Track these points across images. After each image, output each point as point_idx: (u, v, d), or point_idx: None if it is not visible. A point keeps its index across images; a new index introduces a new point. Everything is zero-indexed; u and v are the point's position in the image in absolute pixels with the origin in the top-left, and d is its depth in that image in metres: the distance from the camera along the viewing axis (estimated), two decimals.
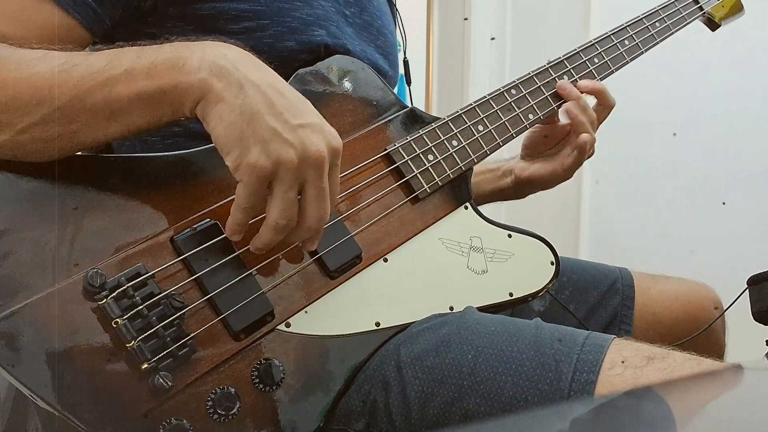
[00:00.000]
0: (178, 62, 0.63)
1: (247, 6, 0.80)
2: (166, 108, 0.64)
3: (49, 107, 0.63)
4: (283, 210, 0.64)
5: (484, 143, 0.90)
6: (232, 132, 0.62)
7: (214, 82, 0.62)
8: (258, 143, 0.62)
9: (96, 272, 0.61)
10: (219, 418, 0.63)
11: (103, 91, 0.63)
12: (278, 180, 0.63)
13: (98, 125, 0.64)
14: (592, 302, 1.06)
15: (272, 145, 0.62)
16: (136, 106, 0.64)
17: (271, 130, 0.62)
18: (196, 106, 0.64)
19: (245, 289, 0.68)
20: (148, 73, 0.63)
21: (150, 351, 0.61)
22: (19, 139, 0.63)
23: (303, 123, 0.64)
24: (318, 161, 0.64)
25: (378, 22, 0.97)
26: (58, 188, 0.65)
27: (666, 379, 0.63)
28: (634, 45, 1.07)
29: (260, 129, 0.62)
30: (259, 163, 0.62)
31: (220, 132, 0.63)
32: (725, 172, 1.97)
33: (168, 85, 0.63)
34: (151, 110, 0.64)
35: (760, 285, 0.88)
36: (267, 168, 0.62)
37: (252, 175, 0.62)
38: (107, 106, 0.63)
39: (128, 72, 0.63)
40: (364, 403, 0.72)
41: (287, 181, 0.63)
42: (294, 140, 0.63)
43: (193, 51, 0.64)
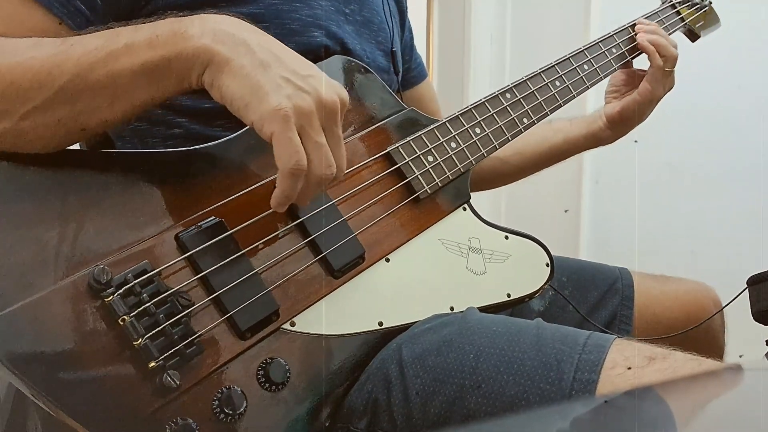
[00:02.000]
0: (179, 31, 0.63)
1: (246, 9, 0.79)
2: (171, 79, 0.64)
3: (50, 89, 0.62)
4: (321, 156, 0.64)
5: (482, 145, 0.91)
6: (246, 85, 0.62)
7: (218, 47, 0.62)
8: (274, 90, 0.62)
9: (102, 269, 0.61)
10: (225, 418, 0.63)
11: (105, 66, 0.62)
12: (305, 126, 0.63)
13: (102, 103, 0.63)
14: (592, 302, 1.06)
15: (289, 89, 0.62)
16: (139, 79, 0.63)
17: (283, 77, 0.63)
18: (203, 74, 0.63)
19: (251, 288, 0.68)
20: (149, 44, 0.63)
21: (157, 349, 0.61)
22: (21, 126, 0.62)
23: (311, 74, 0.65)
24: (333, 107, 0.64)
25: (378, 18, 0.97)
26: (62, 184, 0.64)
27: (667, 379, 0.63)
28: (621, 53, 1.12)
29: (274, 77, 0.62)
30: (282, 105, 0.61)
31: (235, 89, 0.62)
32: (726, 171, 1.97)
33: (171, 53, 0.62)
34: (155, 82, 0.64)
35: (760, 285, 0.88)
36: (289, 110, 0.61)
37: (278, 119, 0.61)
38: (110, 81, 0.62)
39: (129, 45, 0.63)
40: (366, 402, 0.72)
41: (313, 125, 0.63)
42: (308, 88, 0.63)
43: (192, 21, 0.64)
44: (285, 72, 0.63)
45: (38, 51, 0.63)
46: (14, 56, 0.63)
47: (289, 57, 0.65)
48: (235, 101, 0.62)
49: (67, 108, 0.63)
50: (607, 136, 1.16)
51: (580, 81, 1.05)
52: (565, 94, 1.02)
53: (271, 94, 0.61)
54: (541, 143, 1.18)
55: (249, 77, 0.62)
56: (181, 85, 0.64)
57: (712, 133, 1.98)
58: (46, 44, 0.64)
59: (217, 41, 0.62)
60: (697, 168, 2.00)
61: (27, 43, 0.65)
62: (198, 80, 0.64)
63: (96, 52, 0.62)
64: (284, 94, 0.62)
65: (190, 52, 0.62)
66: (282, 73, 0.63)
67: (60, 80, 0.62)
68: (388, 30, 1.00)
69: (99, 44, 0.63)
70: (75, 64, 0.62)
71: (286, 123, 0.61)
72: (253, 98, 0.62)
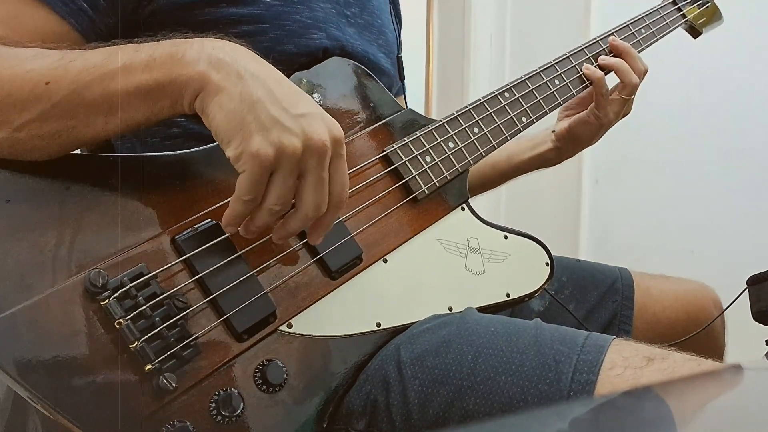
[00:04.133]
0: (176, 55, 0.63)
1: (247, 10, 0.79)
2: (165, 102, 0.64)
3: (47, 103, 0.62)
4: (280, 196, 0.63)
5: (480, 145, 0.91)
6: (233, 120, 0.61)
7: (212, 74, 0.62)
8: (260, 131, 0.61)
9: (98, 272, 0.61)
10: (223, 420, 0.63)
11: (101, 85, 0.62)
12: (280, 168, 0.62)
13: (96, 120, 0.64)
14: (591, 302, 1.06)
15: (274, 133, 0.61)
16: (134, 100, 0.63)
17: (272, 118, 0.62)
18: (194, 100, 0.63)
19: (248, 290, 0.68)
20: (146, 66, 0.63)
21: (154, 352, 0.61)
22: (17, 137, 0.63)
23: (304, 112, 0.64)
24: (321, 149, 0.63)
25: (378, 21, 0.97)
26: (59, 188, 0.64)
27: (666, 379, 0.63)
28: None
29: (262, 116, 0.61)
30: (261, 151, 0.60)
31: (220, 121, 0.62)
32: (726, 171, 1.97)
33: (166, 78, 0.62)
34: (149, 104, 0.64)
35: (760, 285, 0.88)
36: (270, 156, 0.61)
37: (255, 163, 0.61)
38: (105, 100, 0.63)
39: (126, 66, 0.63)
40: (364, 403, 0.72)
41: (288, 169, 0.62)
42: (296, 128, 0.62)
43: (191, 44, 0.64)
44: (276, 110, 0.62)
45: (38, 63, 0.63)
46: (14, 67, 0.63)
47: (283, 91, 0.64)
48: (219, 134, 0.62)
49: (62, 122, 0.63)
50: (553, 156, 1.12)
51: (580, 79, 1.04)
52: (565, 92, 1.02)
53: (254, 135, 0.61)
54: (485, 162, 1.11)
55: (236, 113, 0.61)
56: (174, 107, 0.64)
57: (712, 133, 1.98)
58: (46, 57, 0.64)
59: (211, 69, 0.62)
60: (697, 168, 2.00)
61: (27, 54, 0.65)
62: (190, 106, 0.64)
63: (94, 70, 0.63)
64: (268, 138, 0.61)
65: (184, 78, 0.62)
66: (272, 111, 0.62)
67: (57, 95, 0.62)
68: (390, 35, 1.00)
69: (97, 62, 0.63)
70: (72, 80, 0.62)
71: (260, 168, 0.61)
72: (237, 136, 0.61)
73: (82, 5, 0.72)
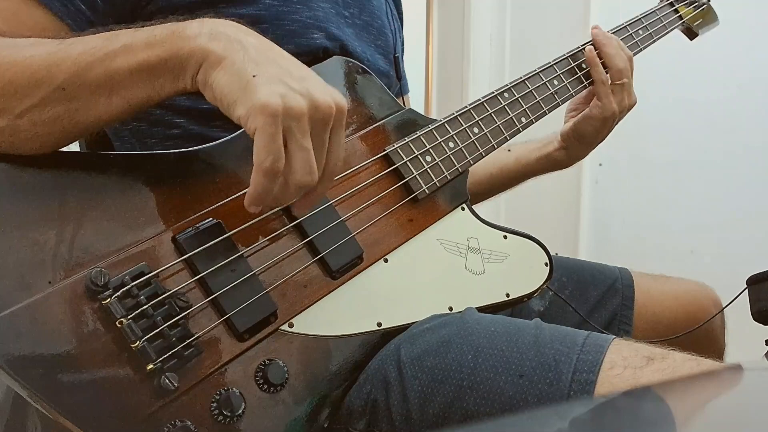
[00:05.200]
0: (176, 31, 0.63)
1: (246, 11, 0.79)
2: (167, 78, 0.63)
3: (48, 87, 0.62)
4: (305, 160, 0.61)
5: (480, 145, 0.91)
6: (238, 79, 0.60)
7: (213, 45, 0.62)
8: (265, 84, 0.60)
9: (99, 271, 0.61)
10: (224, 420, 0.63)
11: (102, 65, 0.62)
12: (291, 131, 0.60)
13: (99, 101, 0.63)
14: (591, 302, 1.06)
15: (281, 88, 0.60)
16: (136, 77, 0.63)
17: (276, 76, 0.61)
18: (197, 73, 0.63)
19: (249, 290, 0.68)
20: (147, 44, 0.63)
21: (155, 351, 0.61)
22: (18, 124, 0.62)
23: (308, 76, 0.63)
24: (326, 112, 0.62)
25: (378, 22, 0.97)
26: (60, 186, 0.64)
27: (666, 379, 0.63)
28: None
29: (266, 73, 0.60)
30: (270, 101, 0.58)
31: (224, 84, 0.60)
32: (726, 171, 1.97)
33: (168, 52, 0.62)
34: (151, 82, 0.63)
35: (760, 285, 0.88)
36: (278, 107, 0.58)
37: (265, 115, 0.58)
38: (108, 80, 0.63)
39: (127, 45, 0.63)
40: (365, 403, 0.72)
41: (301, 129, 0.60)
42: (301, 89, 0.61)
43: (190, 22, 0.64)
44: (279, 72, 0.61)
45: (37, 49, 0.63)
46: (13, 54, 0.63)
47: (285, 59, 0.64)
48: (225, 97, 0.61)
49: (63, 106, 0.63)
50: (562, 158, 1.11)
51: (578, 80, 1.04)
52: (564, 92, 1.02)
53: (261, 89, 0.59)
54: (493, 164, 1.14)
55: (240, 72, 0.60)
56: (176, 85, 0.64)
57: (712, 133, 1.98)
58: (45, 43, 0.64)
59: (212, 39, 0.62)
60: (697, 168, 2.00)
61: (26, 42, 0.65)
62: (193, 81, 0.63)
63: (94, 51, 0.63)
64: (276, 91, 0.59)
65: (186, 51, 0.62)
66: (276, 72, 0.61)
67: (58, 79, 0.62)
68: (390, 35, 1.00)
69: (98, 44, 0.63)
70: (73, 63, 0.62)
71: (271, 119, 0.59)
72: (243, 93, 0.60)
73: (80, 6, 0.72)
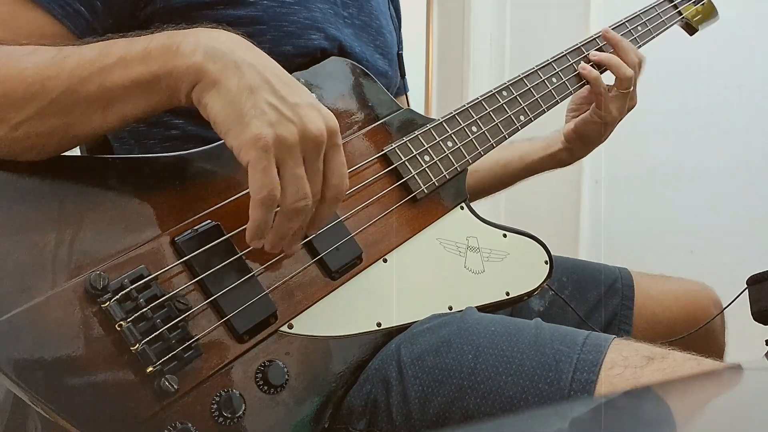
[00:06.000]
0: (171, 47, 0.63)
1: (244, 12, 0.79)
2: (162, 94, 0.63)
3: (43, 101, 0.62)
4: (298, 187, 0.62)
5: (478, 144, 0.91)
6: (231, 110, 0.61)
7: (209, 65, 0.61)
8: (258, 117, 0.60)
9: (99, 274, 0.61)
10: (224, 421, 0.63)
11: (97, 80, 0.62)
12: (283, 159, 0.61)
13: (93, 115, 0.63)
14: (591, 302, 1.06)
15: (273, 118, 0.61)
16: (131, 93, 0.63)
17: (269, 105, 0.61)
18: (191, 91, 0.63)
19: (248, 291, 0.68)
20: (142, 59, 0.62)
21: (155, 354, 0.61)
22: (14, 135, 0.63)
23: (300, 102, 0.63)
24: (318, 139, 0.63)
25: (376, 22, 0.97)
26: (58, 190, 0.64)
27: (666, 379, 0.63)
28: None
29: (259, 104, 0.61)
30: (262, 134, 0.60)
31: (218, 111, 0.61)
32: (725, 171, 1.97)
33: (163, 70, 0.62)
34: (146, 97, 0.63)
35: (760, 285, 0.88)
36: (269, 139, 0.60)
37: (256, 148, 0.60)
38: (102, 95, 0.62)
39: (122, 59, 0.62)
40: (365, 403, 0.72)
41: (293, 157, 0.62)
42: (293, 117, 0.62)
43: (186, 35, 0.64)
44: (272, 98, 0.62)
45: (33, 61, 0.63)
46: (8, 65, 0.63)
47: (279, 81, 0.64)
48: (218, 124, 0.62)
49: (59, 119, 0.63)
50: (565, 157, 1.13)
51: (577, 77, 1.04)
52: (562, 90, 1.02)
53: (252, 121, 0.60)
54: (497, 161, 1.15)
55: (233, 102, 0.61)
56: (171, 100, 0.64)
57: (712, 133, 1.98)
58: (40, 54, 0.64)
59: (207, 60, 0.62)
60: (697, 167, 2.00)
61: (22, 52, 0.65)
62: (187, 97, 0.63)
63: (89, 66, 0.62)
64: (267, 122, 0.60)
65: (180, 70, 0.62)
66: (269, 99, 0.61)
67: (53, 92, 0.62)
68: (389, 35, 1.00)
69: (93, 57, 0.63)
70: (68, 77, 0.62)
71: (263, 152, 0.60)
72: (235, 124, 0.61)
73: (79, 8, 0.71)
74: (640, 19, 1.15)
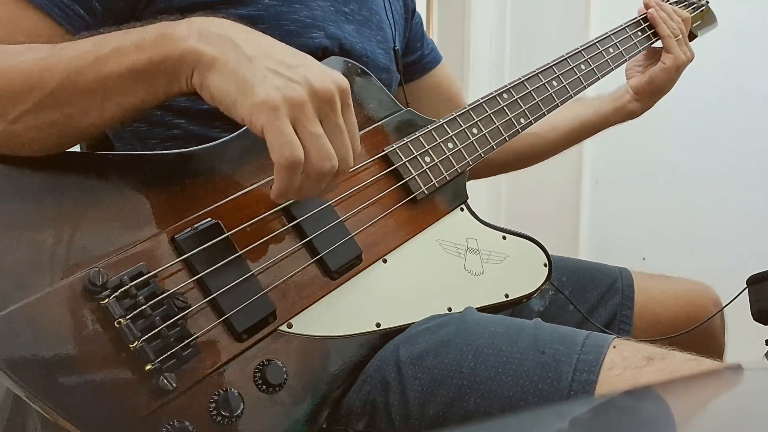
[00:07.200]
0: (166, 34, 0.62)
1: (245, 11, 0.79)
2: (160, 81, 0.63)
3: (40, 93, 0.62)
4: (320, 146, 0.62)
5: (479, 146, 0.91)
6: (232, 82, 0.60)
7: (204, 47, 0.61)
8: (261, 82, 0.60)
9: (98, 271, 0.61)
10: (222, 420, 0.63)
11: (93, 69, 0.62)
12: (297, 117, 0.61)
13: (92, 107, 0.63)
14: (591, 302, 1.06)
15: (276, 82, 0.60)
16: (128, 82, 0.62)
17: (271, 70, 0.61)
18: (192, 76, 0.62)
19: (247, 290, 0.68)
20: (137, 47, 0.62)
21: (154, 351, 0.61)
22: (13, 129, 0.63)
23: (302, 63, 0.63)
24: (328, 95, 0.62)
25: (377, 17, 0.97)
26: (58, 186, 0.64)
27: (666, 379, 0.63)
28: (618, 53, 1.13)
29: (261, 70, 0.60)
30: (269, 96, 0.59)
31: (221, 86, 0.61)
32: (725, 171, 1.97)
33: (158, 56, 0.62)
34: (143, 85, 0.63)
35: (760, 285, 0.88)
36: (278, 100, 0.59)
37: (267, 109, 0.59)
38: (99, 85, 0.62)
39: (117, 49, 0.62)
40: (364, 403, 0.72)
41: (307, 114, 0.61)
42: (296, 77, 0.61)
43: (179, 23, 0.64)
44: (272, 64, 0.61)
45: (29, 55, 0.63)
46: (5, 60, 0.63)
47: (277, 49, 0.64)
48: (223, 99, 0.61)
49: (57, 111, 0.63)
50: (636, 108, 1.19)
51: (578, 81, 1.05)
52: (563, 93, 1.02)
53: (257, 87, 0.60)
54: (575, 118, 1.20)
55: (235, 72, 0.60)
56: (170, 87, 0.64)
57: (712, 133, 1.98)
58: (37, 49, 0.64)
59: (202, 41, 0.62)
60: (697, 168, 2.00)
61: (18, 49, 0.65)
62: (188, 83, 0.63)
63: (85, 56, 0.62)
64: (272, 85, 0.60)
65: (177, 54, 0.62)
66: (269, 65, 0.61)
67: (50, 84, 0.62)
68: (389, 28, 1.00)
69: (88, 48, 0.63)
70: (65, 68, 0.62)
71: (275, 113, 0.59)
72: (240, 94, 0.60)
73: (78, 10, 0.71)
74: (639, 24, 1.17)
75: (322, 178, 0.63)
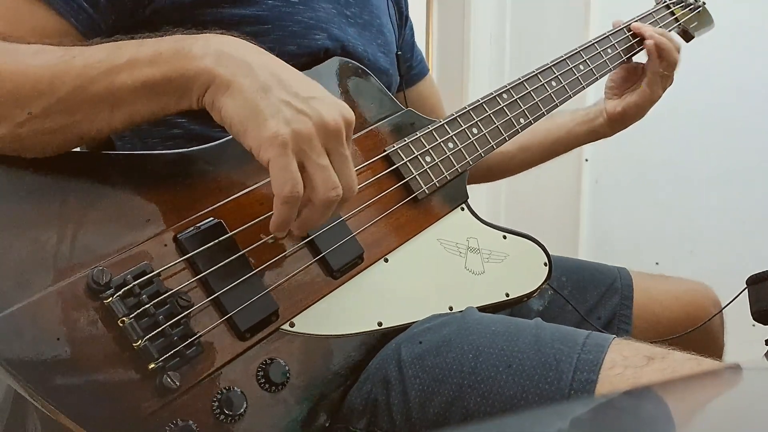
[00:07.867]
0: (182, 50, 0.63)
1: (249, 11, 0.79)
2: (171, 97, 0.63)
3: (50, 99, 0.62)
4: (326, 179, 0.63)
5: (479, 146, 0.92)
6: (244, 110, 0.61)
7: (220, 69, 0.62)
8: (273, 115, 0.61)
9: (101, 270, 0.61)
10: (225, 419, 0.63)
11: (106, 80, 0.62)
12: (305, 153, 0.62)
13: (100, 115, 0.63)
14: (591, 302, 1.06)
15: (287, 115, 0.61)
16: (140, 95, 0.63)
17: (283, 101, 0.62)
18: (203, 95, 0.63)
19: (250, 289, 0.68)
20: (152, 61, 0.62)
21: (157, 350, 0.61)
22: (19, 132, 0.62)
23: (314, 96, 0.64)
24: (335, 128, 0.63)
25: (378, 20, 0.97)
26: (61, 186, 0.64)
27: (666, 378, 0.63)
28: (617, 53, 1.13)
29: (274, 102, 0.61)
30: (279, 132, 0.60)
31: (232, 113, 0.62)
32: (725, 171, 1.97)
33: (173, 72, 0.62)
34: (155, 99, 0.63)
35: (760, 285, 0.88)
36: (287, 136, 0.60)
37: (275, 145, 0.60)
38: (110, 95, 0.62)
39: (131, 61, 0.62)
40: (365, 402, 0.72)
41: (315, 150, 0.62)
42: (308, 111, 0.62)
43: (196, 40, 0.64)
44: (285, 95, 0.62)
45: (40, 59, 0.63)
46: (16, 63, 0.63)
47: (291, 78, 0.64)
48: (234, 126, 0.62)
49: (65, 118, 0.63)
50: (606, 133, 1.20)
51: (576, 81, 1.05)
52: (562, 94, 1.03)
53: (269, 120, 0.61)
54: (546, 138, 1.21)
55: (248, 102, 0.61)
56: (180, 103, 0.64)
57: (712, 133, 1.98)
58: (48, 52, 0.64)
59: (219, 63, 0.62)
60: (697, 168, 2.00)
61: (29, 50, 0.64)
62: (199, 101, 0.63)
63: (98, 65, 0.62)
64: (283, 119, 0.61)
65: (192, 72, 0.62)
66: (282, 96, 0.62)
67: (60, 91, 0.62)
68: (389, 34, 1.00)
69: (101, 57, 0.63)
70: (76, 76, 0.62)
71: (282, 149, 0.60)
72: (251, 124, 0.61)
73: (82, 4, 0.71)
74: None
75: (328, 207, 0.65)
